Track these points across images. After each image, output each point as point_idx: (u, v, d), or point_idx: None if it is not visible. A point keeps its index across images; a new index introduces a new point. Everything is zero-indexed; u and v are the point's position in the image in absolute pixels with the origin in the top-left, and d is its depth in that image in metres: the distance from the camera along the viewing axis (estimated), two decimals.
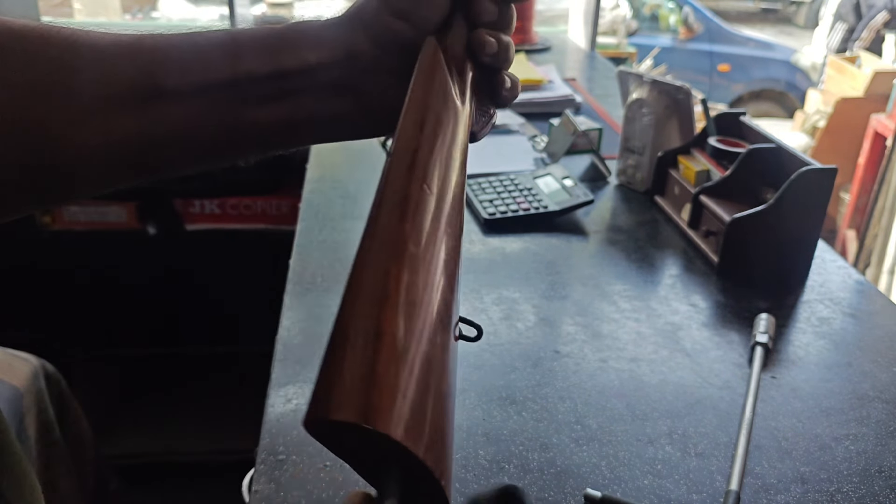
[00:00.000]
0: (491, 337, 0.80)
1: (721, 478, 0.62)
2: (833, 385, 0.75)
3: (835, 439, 0.67)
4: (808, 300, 0.90)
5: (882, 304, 0.91)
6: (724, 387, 0.73)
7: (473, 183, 1.13)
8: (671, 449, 0.65)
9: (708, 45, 5.75)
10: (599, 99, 1.66)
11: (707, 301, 0.89)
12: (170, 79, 0.43)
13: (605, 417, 0.68)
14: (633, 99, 1.15)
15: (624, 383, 0.73)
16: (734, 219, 0.91)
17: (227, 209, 1.91)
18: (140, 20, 4.57)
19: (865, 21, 5.07)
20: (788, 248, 0.94)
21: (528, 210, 1.05)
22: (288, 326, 0.79)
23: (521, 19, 2.09)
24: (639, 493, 0.60)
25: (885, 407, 0.72)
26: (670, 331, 0.82)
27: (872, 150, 3.13)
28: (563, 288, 0.90)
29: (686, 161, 1.07)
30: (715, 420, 0.69)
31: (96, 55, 0.42)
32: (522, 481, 0.61)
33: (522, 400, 0.70)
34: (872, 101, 3.50)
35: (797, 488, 0.61)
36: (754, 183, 0.97)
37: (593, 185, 1.19)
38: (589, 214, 1.09)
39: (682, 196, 1.05)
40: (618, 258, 0.98)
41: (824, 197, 0.91)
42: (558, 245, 1.01)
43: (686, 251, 1.00)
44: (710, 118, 1.08)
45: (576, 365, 0.76)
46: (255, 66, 0.45)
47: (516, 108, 1.51)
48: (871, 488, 0.61)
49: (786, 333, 0.83)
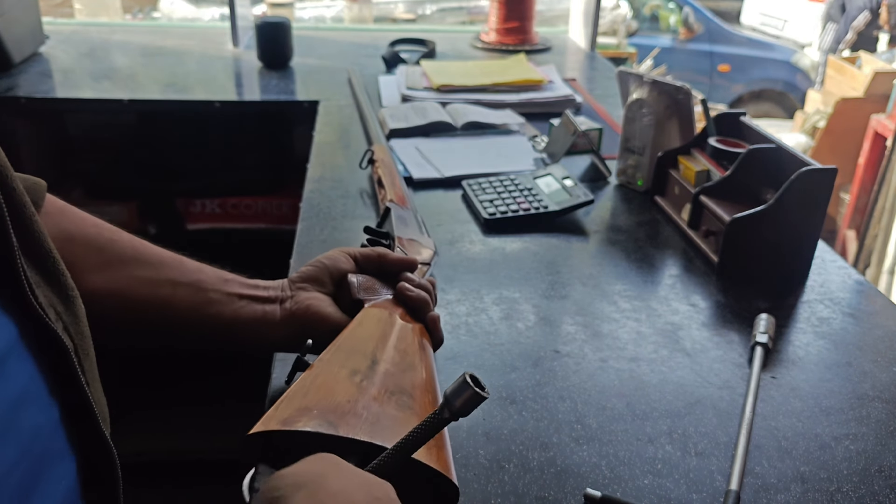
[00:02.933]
0: (491, 337, 0.80)
1: (721, 477, 0.62)
2: (833, 385, 0.75)
3: (835, 439, 0.67)
4: (808, 300, 0.90)
5: (882, 304, 0.91)
6: (723, 386, 0.73)
7: (474, 183, 1.13)
8: (671, 448, 0.65)
9: (708, 46, 5.76)
10: (599, 99, 1.66)
11: (707, 301, 0.89)
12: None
13: (605, 417, 0.68)
14: (633, 99, 1.15)
15: (624, 383, 0.73)
16: (734, 219, 0.91)
17: (227, 209, 1.91)
18: (140, 20, 4.57)
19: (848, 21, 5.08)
20: (788, 248, 0.94)
21: (529, 210, 1.06)
22: None
23: (521, 19, 2.10)
24: (639, 492, 0.60)
25: (885, 407, 0.72)
26: (670, 331, 0.82)
27: (872, 150, 3.13)
28: (563, 288, 0.90)
29: (686, 161, 1.07)
30: (715, 420, 0.69)
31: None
32: (522, 481, 0.61)
33: (522, 400, 0.70)
34: (872, 101, 3.50)
35: (797, 488, 0.61)
36: (754, 183, 0.97)
37: (593, 185, 1.19)
38: (589, 214, 1.09)
39: (682, 196, 1.05)
40: (618, 258, 0.98)
41: (824, 197, 0.91)
42: (558, 245, 1.01)
43: (686, 251, 1.00)
44: (710, 118, 1.08)
45: (576, 364, 0.76)
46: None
47: (516, 108, 1.51)
48: (871, 488, 0.61)
49: (786, 333, 0.83)
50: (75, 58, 1.87)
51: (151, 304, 0.61)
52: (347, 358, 0.58)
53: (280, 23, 1.81)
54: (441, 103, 1.48)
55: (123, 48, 2.02)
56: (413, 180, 1.18)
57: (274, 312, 0.65)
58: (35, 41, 1.81)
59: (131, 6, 4.72)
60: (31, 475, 0.35)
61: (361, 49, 2.03)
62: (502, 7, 2.08)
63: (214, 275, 0.66)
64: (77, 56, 1.88)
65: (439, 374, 0.72)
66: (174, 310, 0.62)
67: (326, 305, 0.65)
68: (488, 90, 1.59)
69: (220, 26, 2.28)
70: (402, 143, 1.31)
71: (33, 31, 1.80)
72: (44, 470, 0.37)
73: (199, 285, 0.64)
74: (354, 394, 0.54)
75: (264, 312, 0.65)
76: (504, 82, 1.61)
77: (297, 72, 1.81)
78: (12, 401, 0.35)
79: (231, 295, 0.64)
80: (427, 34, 2.10)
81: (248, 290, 0.66)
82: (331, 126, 1.44)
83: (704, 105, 1.16)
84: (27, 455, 0.35)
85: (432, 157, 1.25)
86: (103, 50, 1.98)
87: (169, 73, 1.77)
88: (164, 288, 0.62)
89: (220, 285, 0.65)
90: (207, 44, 2.06)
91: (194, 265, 0.66)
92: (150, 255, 0.64)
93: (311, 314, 0.64)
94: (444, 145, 1.31)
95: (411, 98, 1.54)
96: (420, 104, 1.47)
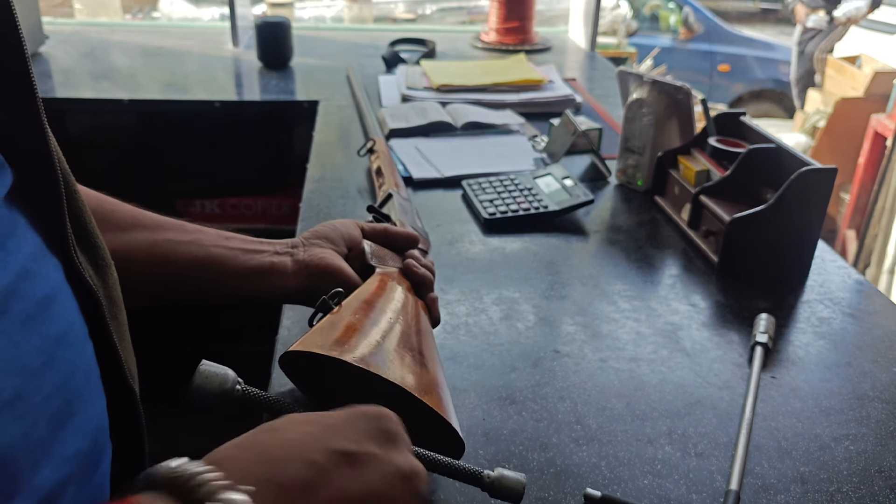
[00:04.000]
0: (491, 337, 0.80)
1: (721, 478, 0.62)
2: (833, 385, 0.75)
3: (835, 439, 0.67)
4: (808, 300, 0.90)
5: (882, 304, 0.91)
6: (723, 387, 0.73)
7: (474, 183, 1.13)
8: (671, 449, 0.65)
9: (708, 46, 5.76)
10: (599, 99, 1.66)
11: (707, 301, 0.89)
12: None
13: (605, 417, 0.68)
14: (633, 99, 1.15)
15: (624, 383, 0.73)
16: (734, 219, 0.91)
17: (227, 209, 1.91)
18: (140, 20, 4.57)
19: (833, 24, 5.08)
20: (788, 248, 0.94)
21: (528, 210, 1.05)
22: (288, 326, 0.79)
23: (521, 19, 2.10)
24: (638, 492, 0.60)
25: (884, 407, 0.72)
26: (670, 331, 0.82)
27: (872, 150, 3.13)
28: (563, 288, 0.90)
29: (686, 161, 1.07)
30: (715, 420, 0.69)
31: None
32: None
33: (522, 400, 0.70)
34: (872, 101, 3.50)
35: (797, 488, 0.61)
36: (754, 183, 0.97)
37: (593, 185, 1.19)
38: (589, 214, 1.09)
39: (682, 196, 1.05)
40: (618, 258, 0.98)
41: (824, 197, 0.91)
42: (558, 245, 1.01)
43: (686, 251, 1.00)
44: (710, 118, 1.08)
45: (575, 365, 0.76)
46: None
47: (516, 108, 1.51)
48: (870, 488, 0.61)
49: (786, 333, 0.83)
50: (75, 58, 1.87)
51: (151, 264, 0.63)
52: (368, 310, 0.59)
53: (280, 23, 1.81)
54: (441, 103, 1.48)
55: (123, 48, 2.02)
56: (413, 180, 1.18)
57: (284, 263, 0.66)
58: (35, 41, 1.81)
59: (131, 6, 4.72)
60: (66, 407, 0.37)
61: (361, 49, 2.03)
62: (502, 7, 2.08)
63: (215, 233, 0.67)
64: (77, 56, 1.88)
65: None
66: (176, 265, 0.64)
67: (341, 261, 0.67)
68: (488, 90, 1.59)
69: (220, 26, 2.28)
70: (402, 143, 1.31)
71: (33, 31, 1.80)
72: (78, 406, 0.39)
73: (200, 242, 0.65)
74: (377, 341, 0.56)
75: (272, 264, 0.66)
76: (504, 82, 1.61)
77: (296, 72, 1.81)
78: (56, 337, 0.37)
79: (234, 249, 0.66)
80: (427, 34, 2.10)
81: (252, 245, 0.67)
82: (330, 126, 1.44)
83: (704, 105, 1.16)
84: (64, 389, 0.37)
85: (432, 157, 1.25)
86: (103, 50, 1.98)
87: (169, 73, 1.77)
88: (163, 247, 0.64)
89: (222, 241, 0.66)
90: (207, 44, 2.06)
91: (194, 227, 0.67)
92: (150, 220, 0.65)
93: (325, 266, 0.66)
94: (444, 145, 1.31)
95: (411, 98, 1.54)
96: (420, 104, 1.47)
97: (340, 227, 0.71)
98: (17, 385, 0.33)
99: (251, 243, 0.68)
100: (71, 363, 0.38)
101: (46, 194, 0.39)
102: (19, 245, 0.36)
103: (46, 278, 0.38)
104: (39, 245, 0.38)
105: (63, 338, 0.38)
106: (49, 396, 0.36)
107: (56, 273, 0.39)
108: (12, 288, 0.34)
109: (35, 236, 0.38)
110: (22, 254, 0.36)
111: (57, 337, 0.37)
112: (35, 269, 0.37)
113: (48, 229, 0.39)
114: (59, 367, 0.37)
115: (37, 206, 0.38)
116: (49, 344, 0.36)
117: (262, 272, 0.65)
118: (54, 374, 0.36)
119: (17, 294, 0.35)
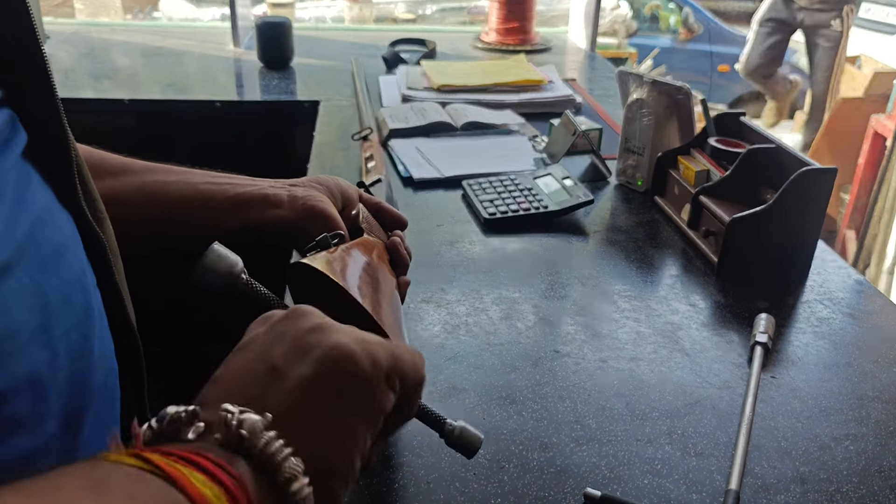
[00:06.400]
0: (491, 337, 0.80)
1: (721, 477, 0.62)
2: (833, 385, 0.75)
3: (834, 439, 0.67)
4: (807, 300, 0.90)
5: (882, 304, 0.91)
6: (723, 386, 0.73)
7: (474, 183, 1.13)
8: (670, 448, 0.65)
9: (708, 46, 5.75)
10: (599, 99, 1.66)
11: (707, 301, 0.89)
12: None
13: (605, 417, 0.68)
14: (633, 99, 1.15)
15: (623, 383, 0.73)
16: (734, 219, 0.91)
17: None
18: (141, 20, 4.57)
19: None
20: (788, 248, 0.94)
21: (528, 210, 1.06)
22: None
23: (521, 19, 2.10)
24: (638, 492, 0.60)
25: (884, 407, 0.72)
26: (670, 331, 0.82)
27: (872, 150, 3.13)
28: (563, 288, 0.90)
29: (686, 161, 1.07)
30: (714, 420, 0.69)
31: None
32: (522, 481, 0.61)
33: (522, 400, 0.70)
34: (872, 101, 3.50)
35: (797, 488, 0.61)
36: (754, 183, 0.97)
37: (593, 185, 1.20)
38: (589, 214, 1.09)
39: (682, 196, 1.05)
40: (618, 258, 0.98)
41: (824, 197, 0.91)
42: (558, 245, 1.01)
43: (686, 251, 1.00)
44: (710, 118, 1.08)
45: (575, 365, 0.76)
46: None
47: (516, 108, 1.51)
48: (870, 488, 0.61)
49: (785, 333, 0.83)
50: (76, 58, 1.87)
51: (139, 206, 0.63)
52: (360, 260, 0.59)
53: (280, 23, 1.81)
54: (441, 103, 1.48)
55: (124, 48, 2.02)
56: (413, 180, 1.18)
57: (279, 195, 0.65)
58: None
59: (131, 6, 4.73)
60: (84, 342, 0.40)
61: (361, 49, 2.03)
62: (502, 7, 2.08)
63: (203, 172, 0.68)
64: (77, 56, 1.89)
65: (439, 374, 0.73)
66: (166, 205, 0.64)
67: (335, 210, 0.67)
68: (488, 90, 1.59)
69: (220, 26, 2.28)
70: (402, 143, 1.31)
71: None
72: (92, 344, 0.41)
73: (188, 180, 0.66)
74: (369, 290, 0.56)
75: (266, 194, 0.65)
76: (504, 82, 1.61)
77: (297, 72, 1.81)
78: (71, 281, 0.40)
79: (224, 184, 0.66)
80: (427, 34, 2.10)
81: (244, 179, 0.68)
82: (331, 126, 1.44)
83: (704, 105, 1.16)
84: (81, 326, 0.40)
85: (432, 157, 1.25)
86: (104, 50, 1.98)
87: (169, 73, 1.77)
88: (150, 187, 0.64)
89: (210, 178, 0.67)
90: (208, 44, 2.06)
91: (182, 168, 0.68)
92: (139, 166, 0.66)
93: (319, 210, 0.65)
94: (444, 145, 1.31)
95: (411, 98, 1.54)
96: (420, 104, 1.47)
97: (341, 183, 0.71)
98: (40, 319, 0.36)
99: (243, 178, 0.68)
100: (86, 304, 0.41)
101: (56, 153, 0.42)
102: (34, 197, 0.39)
103: (60, 228, 0.41)
104: (52, 198, 0.41)
105: (78, 281, 0.41)
106: (68, 331, 0.38)
107: (68, 225, 0.42)
108: (31, 234, 0.37)
109: (47, 190, 0.41)
110: (37, 205, 0.38)
111: (72, 280, 0.40)
112: (49, 219, 0.39)
113: (58, 185, 0.42)
114: (76, 307, 0.40)
115: (47, 165, 0.41)
116: (66, 285, 0.39)
117: (255, 200, 0.65)
118: (71, 313, 0.39)
119: (35, 240, 0.37)
